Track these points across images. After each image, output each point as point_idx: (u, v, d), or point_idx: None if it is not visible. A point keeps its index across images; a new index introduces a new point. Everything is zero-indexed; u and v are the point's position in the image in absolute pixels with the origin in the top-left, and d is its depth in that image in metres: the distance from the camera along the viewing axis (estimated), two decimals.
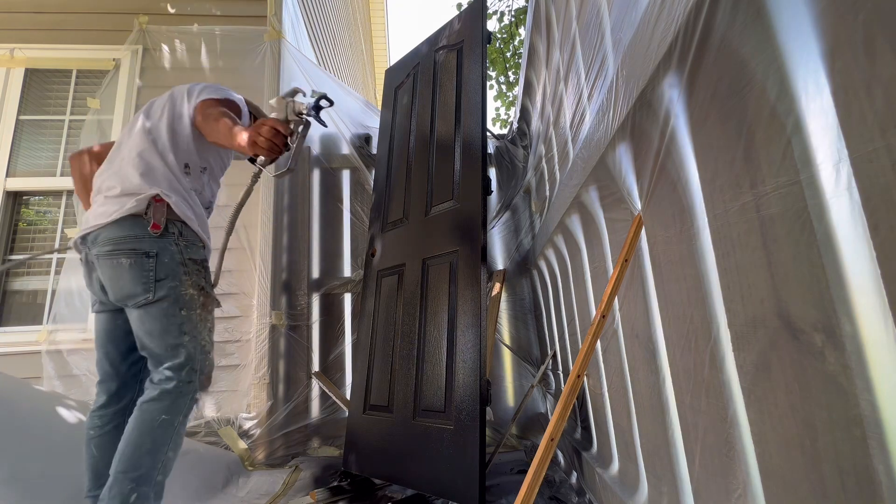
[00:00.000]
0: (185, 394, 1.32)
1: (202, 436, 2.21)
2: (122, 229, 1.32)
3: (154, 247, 1.33)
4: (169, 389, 1.29)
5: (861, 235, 0.48)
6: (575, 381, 1.17)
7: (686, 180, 0.84)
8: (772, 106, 0.59)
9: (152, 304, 1.31)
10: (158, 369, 1.32)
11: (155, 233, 1.33)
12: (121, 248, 1.31)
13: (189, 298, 1.36)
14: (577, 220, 1.61)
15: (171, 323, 1.33)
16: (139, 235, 1.33)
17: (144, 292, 1.31)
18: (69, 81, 2.90)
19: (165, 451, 1.28)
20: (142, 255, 1.31)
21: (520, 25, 6.44)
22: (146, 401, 1.29)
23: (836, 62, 0.50)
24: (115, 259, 1.31)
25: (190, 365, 1.34)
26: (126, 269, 1.31)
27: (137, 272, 1.31)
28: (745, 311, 0.68)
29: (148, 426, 1.26)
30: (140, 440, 1.24)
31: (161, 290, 1.32)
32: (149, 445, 1.25)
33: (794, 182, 0.56)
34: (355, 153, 2.91)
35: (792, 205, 0.57)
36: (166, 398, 1.29)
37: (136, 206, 1.33)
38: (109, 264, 1.32)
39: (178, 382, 1.31)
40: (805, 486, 0.57)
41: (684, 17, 0.70)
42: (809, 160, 0.54)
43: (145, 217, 1.33)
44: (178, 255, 1.37)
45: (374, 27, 8.51)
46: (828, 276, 0.52)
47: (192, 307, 1.37)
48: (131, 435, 1.25)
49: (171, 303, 1.33)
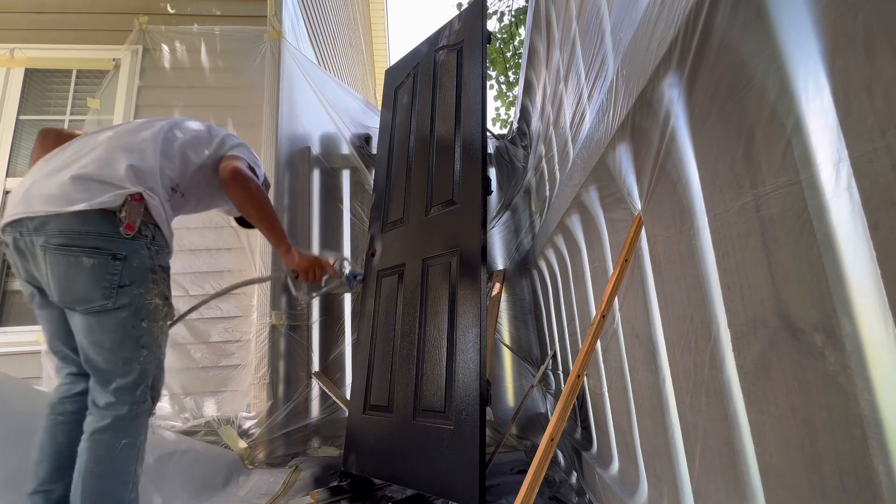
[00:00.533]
0: (141, 414, 1.19)
1: (202, 435, 2.21)
2: (85, 224, 1.13)
3: (124, 249, 1.17)
4: (122, 415, 1.15)
5: (861, 235, 0.48)
6: (575, 381, 1.17)
7: (686, 180, 0.84)
8: (772, 106, 0.59)
9: (108, 312, 1.15)
10: (106, 389, 1.16)
11: (127, 234, 1.17)
12: (81, 244, 1.13)
13: (153, 308, 1.22)
14: (577, 220, 1.61)
15: (127, 335, 1.17)
16: (107, 234, 1.15)
17: (102, 298, 1.14)
18: (69, 81, 2.90)
19: (132, 470, 1.17)
20: (108, 257, 1.15)
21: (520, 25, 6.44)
22: (98, 430, 1.14)
23: (836, 62, 0.50)
24: (71, 256, 1.12)
25: (145, 383, 1.20)
26: (86, 269, 1.13)
27: (99, 275, 1.13)
28: (745, 311, 0.68)
29: (108, 456, 1.13)
30: (102, 471, 1.12)
31: (123, 298, 1.16)
32: (114, 474, 1.14)
33: (794, 182, 0.56)
34: (355, 153, 2.91)
35: (792, 205, 0.57)
36: (121, 424, 1.15)
37: (110, 201, 1.16)
38: (63, 261, 1.13)
39: (131, 406, 1.17)
40: (805, 486, 0.57)
41: (684, 17, 0.70)
42: (809, 160, 0.54)
43: (118, 215, 1.17)
44: (149, 260, 1.22)
45: (374, 27, 8.51)
46: (828, 276, 0.52)
47: (156, 318, 1.23)
48: (92, 468, 1.12)
49: (132, 312, 1.17)
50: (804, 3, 0.53)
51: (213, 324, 2.47)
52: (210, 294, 1.78)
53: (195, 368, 2.40)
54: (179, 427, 2.24)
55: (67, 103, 2.86)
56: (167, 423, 2.25)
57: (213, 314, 2.49)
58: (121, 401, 1.16)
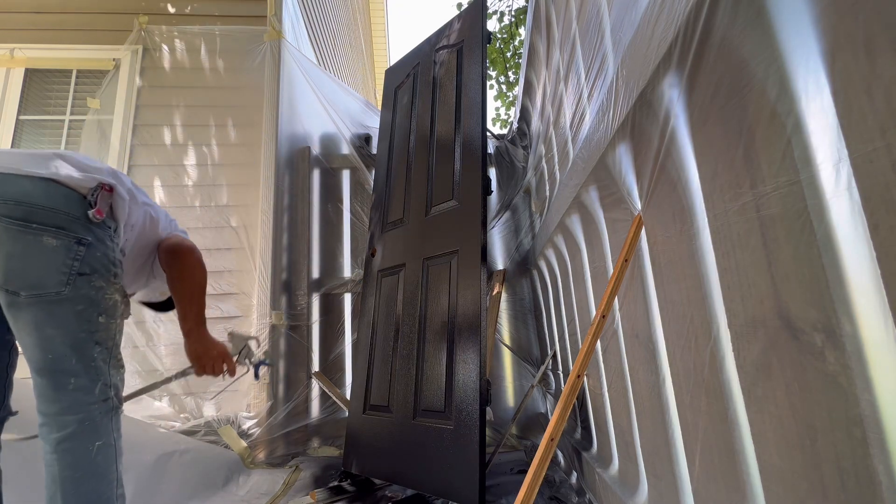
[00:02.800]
0: (107, 411, 1.11)
1: (202, 435, 2.21)
2: (50, 198, 1.03)
3: (90, 234, 1.08)
4: (85, 417, 1.06)
5: (861, 235, 0.48)
6: (575, 381, 1.17)
7: (686, 180, 0.84)
8: (772, 106, 0.59)
9: (61, 301, 1.04)
10: (60, 392, 1.05)
11: (97, 218, 1.08)
12: (45, 221, 1.02)
13: (112, 304, 1.14)
14: (577, 220, 1.61)
15: (81, 329, 1.07)
16: (74, 215, 1.06)
17: (58, 285, 1.02)
18: (69, 81, 2.90)
19: (115, 468, 1.10)
20: (72, 240, 1.05)
21: (520, 25, 6.44)
22: (63, 439, 1.04)
23: (836, 62, 0.50)
24: (31, 233, 1.01)
25: (102, 380, 1.10)
26: (47, 250, 1.02)
27: (60, 258, 1.03)
28: (745, 311, 0.68)
29: (85, 460, 1.05)
30: (83, 475, 1.04)
31: (81, 287, 1.06)
32: (97, 476, 1.07)
33: (794, 182, 0.56)
34: (355, 153, 2.91)
35: (792, 205, 0.57)
36: (89, 426, 1.06)
37: (80, 181, 1.08)
38: (18, 237, 1.00)
39: (92, 405, 1.07)
40: (805, 486, 0.57)
41: (684, 17, 0.70)
42: (809, 160, 0.54)
43: (89, 198, 1.08)
44: (112, 252, 1.14)
45: (374, 27, 8.51)
46: (828, 276, 0.52)
47: (114, 315, 1.14)
48: (70, 475, 1.04)
49: (89, 305, 1.08)
50: (804, 3, 0.53)
51: (212, 324, 2.45)
52: (151, 384, 1.77)
53: None
54: (179, 427, 2.24)
55: (67, 103, 2.86)
56: (167, 423, 2.25)
57: (213, 314, 2.49)
58: (80, 401, 1.06)
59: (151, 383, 1.75)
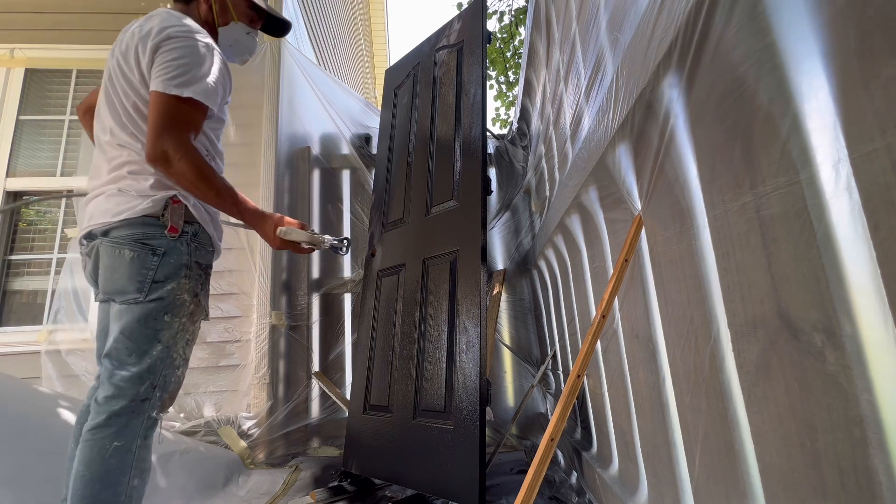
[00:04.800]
0: (140, 413, 1.14)
1: (202, 435, 2.21)
2: (132, 228, 1.19)
3: (164, 245, 1.20)
4: (117, 411, 1.11)
5: (861, 235, 0.48)
6: (575, 381, 1.17)
7: (686, 180, 0.84)
8: (771, 105, 0.59)
9: (140, 304, 1.17)
10: (110, 380, 1.14)
11: (173, 236, 1.21)
12: (127, 241, 1.18)
13: (179, 304, 1.22)
14: (576, 220, 1.61)
15: (148, 326, 1.17)
16: (151, 234, 1.19)
17: (136, 292, 1.16)
18: (69, 81, 2.90)
19: (126, 481, 1.10)
20: (148, 251, 1.18)
21: (520, 25, 6.44)
22: (92, 427, 1.10)
23: (836, 62, 0.50)
24: (117, 249, 1.18)
25: (151, 379, 1.16)
26: (126, 261, 1.17)
27: (137, 268, 1.17)
28: (745, 311, 0.68)
29: (98, 458, 1.07)
30: (92, 475, 1.06)
31: (155, 293, 1.18)
32: (104, 480, 1.07)
33: (794, 182, 0.56)
34: (355, 153, 2.92)
35: (792, 205, 0.57)
36: (115, 422, 1.10)
37: (151, 207, 1.20)
38: (110, 253, 1.18)
39: (129, 401, 1.12)
40: (805, 486, 0.57)
41: (684, 18, 0.70)
42: (809, 160, 0.54)
43: (161, 219, 1.21)
44: (186, 256, 1.24)
45: (374, 27, 8.51)
46: (828, 276, 0.52)
47: (179, 314, 1.22)
48: (81, 470, 1.07)
49: (158, 304, 1.18)
50: (804, 3, 0.53)
51: (212, 324, 2.47)
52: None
53: (195, 368, 2.40)
54: (179, 427, 2.24)
55: (67, 103, 2.86)
56: (167, 423, 2.25)
57: (213, 314, 2.49)
58: (121, 393, 1.12)
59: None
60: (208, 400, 2.39)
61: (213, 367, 2.43)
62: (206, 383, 2.41)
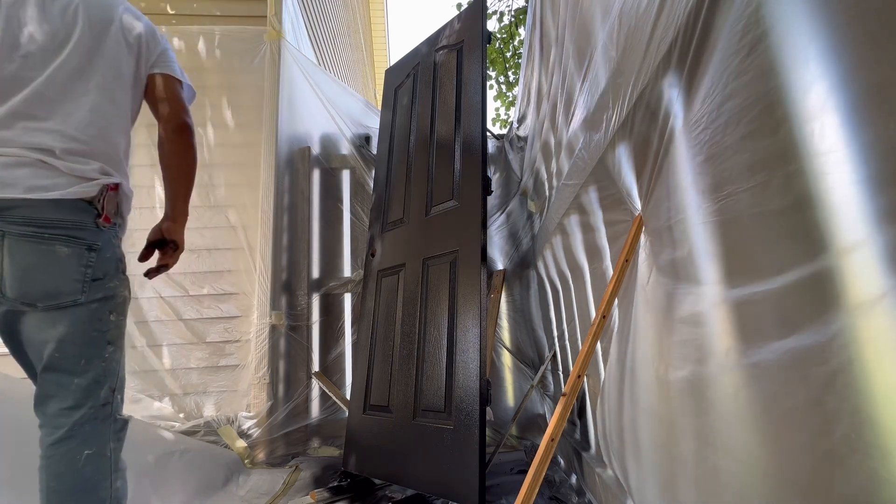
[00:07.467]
0: (104, 418, 1.05)
1: (202, 435, 2.22)
2: (61, 212, 1.02)
3: (98, 239, 1.07)
4: (79, 420, 1.01)
5: (861, 235, 0.48)
6: (575, 381, 1.17)
7: (685, 180, 0.84)
8: (771, 105, 0.59)
9: (79, 306, 1.04)
10: (61, 393, 1.02)
11: (105, 226, 1.08)
12: (56, 233, 1.02)
13: (122, 301, 1.13)
14: (576, 220, 1.61)
15: (95, 329, 1.06)
16: (84, 223, 1.05)
17: (75, 293, 1.03)
18: None
19: (108, 485, 1.03)
20: (83, 247, 1.04)
21: (520, 25, 6.43)
22: (54, 442, 0.99)
23: (836, 60, 0.50)
24: (45, 244, 1.00)
25: (108, 383, 1.07)
26: (61, 259, 1.01)
27: (74, 266, 1.03)
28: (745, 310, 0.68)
29: (69, 470, 0.99)
30: (68, 488, 0.98)
31: (96, 292, 1.06)
32: (83, 492, 1.00)
33: (794, 180, 0.56)
34: (355, 153, 2.92)
35: (792, 202, 0.57)
36: (79, 432, 1.01)
37: (87, 191, 1.06)
38: (33, 249, 0.99)
39: (89, 408, 1.02)
40: (805, 486, 0.57)
41: (684, 18, 0.70)
42: (809, 159, 0.54)
43: (95, 205, 1.07)
44: (118, 249, 1.14)
45: (374, 27, 8.51)
46: (827, 274, 0.52)
47: (123, 312, 1.14)
48: (55, 487, 0.98)
49: (101, 304, 1.07)
50: (803, 3, 0.53)
51: (212, 324, 2.47)
52: None
53: (195, 368, 2.41)
54: (179, 427, 2.24)
55: None
56: (167, 423, 2.25)
57: (213, 314, 2.49)
58: (78, 403, 1.02)
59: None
60: (208, 400, 2.39)
61: (213, 367, 2.43)
62: (206, 383, 2.41)
